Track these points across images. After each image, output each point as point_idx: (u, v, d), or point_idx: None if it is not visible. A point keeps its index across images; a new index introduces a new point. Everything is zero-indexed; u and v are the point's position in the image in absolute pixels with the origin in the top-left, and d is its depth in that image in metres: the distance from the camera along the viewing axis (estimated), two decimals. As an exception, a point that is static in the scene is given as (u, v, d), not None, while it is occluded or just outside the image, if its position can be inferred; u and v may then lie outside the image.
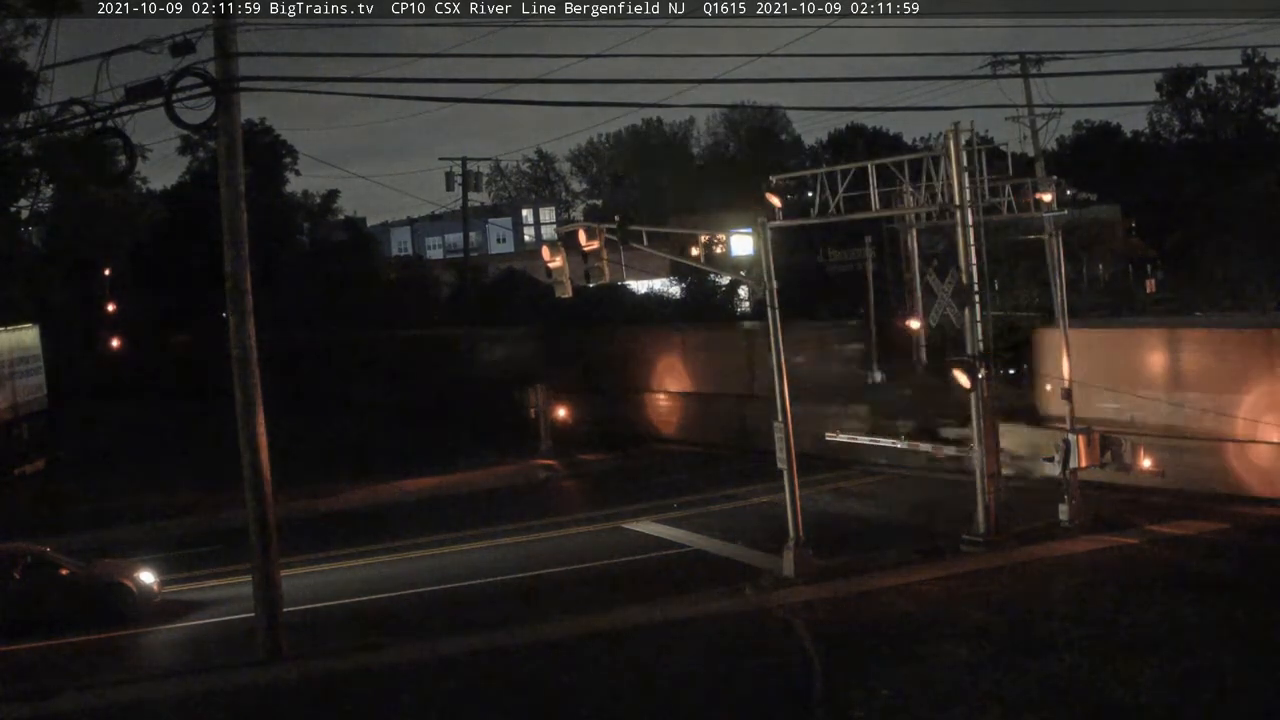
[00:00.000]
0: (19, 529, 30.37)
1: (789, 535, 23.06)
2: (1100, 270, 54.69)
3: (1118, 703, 15.56)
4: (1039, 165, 44.81)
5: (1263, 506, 25.17)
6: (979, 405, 24.24)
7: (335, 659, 20.31)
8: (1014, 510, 24.42)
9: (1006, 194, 27.33)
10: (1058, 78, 62.05)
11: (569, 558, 26.43)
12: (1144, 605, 19.54)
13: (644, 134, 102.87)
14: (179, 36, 18.81)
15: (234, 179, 20.26)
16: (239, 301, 20.37)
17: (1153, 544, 23.41)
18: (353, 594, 24.64)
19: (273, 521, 20.48)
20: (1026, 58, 45.84)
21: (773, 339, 23.50)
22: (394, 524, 30.91)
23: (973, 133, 24.66)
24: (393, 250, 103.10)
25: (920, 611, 20.40)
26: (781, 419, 23.25)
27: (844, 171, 25.67)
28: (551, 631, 20.91)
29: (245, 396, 20.39)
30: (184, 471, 40.02)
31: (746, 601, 21.94)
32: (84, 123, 19.85)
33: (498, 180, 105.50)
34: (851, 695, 16.51)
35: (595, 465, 39.00)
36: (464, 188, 61.18)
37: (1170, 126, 71.62)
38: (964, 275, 24.30)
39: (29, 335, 46.51)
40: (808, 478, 26.78)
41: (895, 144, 73.62)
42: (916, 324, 35.20)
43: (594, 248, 23.10)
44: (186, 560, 27.83)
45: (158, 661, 21.52)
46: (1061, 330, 26.15)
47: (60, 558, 24.56)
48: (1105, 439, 25.50)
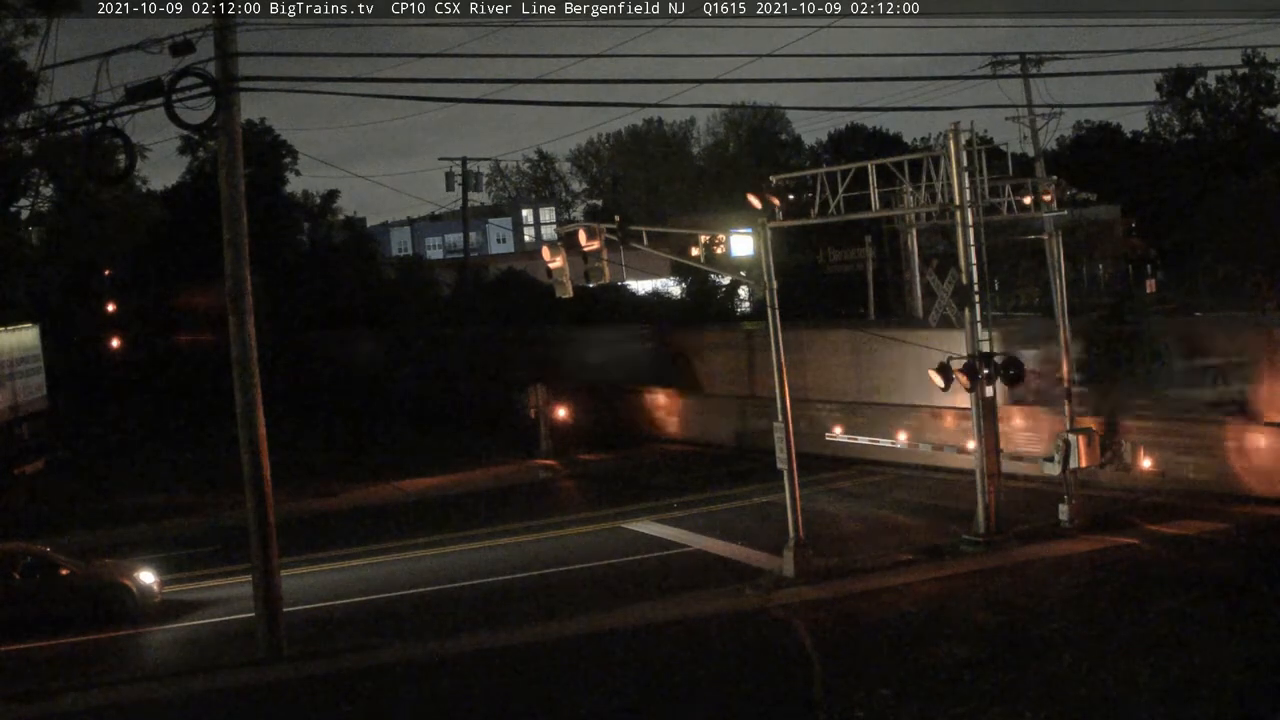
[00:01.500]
0: (19, 529, 30.42)
1: (789, 535, 23.06)
2: (1100, 270, 54.78)
3: (1117, 703, 15.56)
4: (1039, 165, 44.87)
5: (1263, 506, 25.15)
6: (979, 405, 24.26)
7: (335, 659, 20.31)
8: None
9: (1006, 194, 27.31)
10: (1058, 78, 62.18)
11: (571, 557, 26.44)
12: (1144, 605, 19.54)
13: (644, 134, 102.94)
14: (179, 36, 18.83)
15: (234, 179, 20.26)
16: (239, 301, 20.37)
17: (1153, 544, 23.41)
18: (353, 594, 24.64)
19: (273, 521, 20.49)
20: (1026, 58, 45.97)
21: (773, 339, 23.49)
22: (394, 524, 30.94)
23: (973, 133, 24.66)
24: (393, 250, 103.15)
25: (920, 611, 20.39)
26: (781, 419, 23.25)
27: (844, 171, 25.65)
28: (551, 631, 20.91)
29: (245, 396, 20.39)
30: (184, 471, 40.09)
31: (746, 601, 21.93)
32: (84, 123, 19.84)
33: (498, 180, 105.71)
34: (852, 695, 16.51)
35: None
36: (464, 188, 61.28)
37: (1170, 126, 71.73)
38: (964, 275, 24.30)
39: (29, 335, 46.53)
40: (808, 478, 26.77)
41: (895, 144, 73.75)
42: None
43: (594, 248, 23.09)
44: (186, 560, 27.85)
45: (157, 661, 21.50)
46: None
47: (60, 558, 24.57)
48: (1105, 439, 25.50)
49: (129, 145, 20.43)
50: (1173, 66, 63.58)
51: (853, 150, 69.43)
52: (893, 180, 25.84)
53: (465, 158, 61.07)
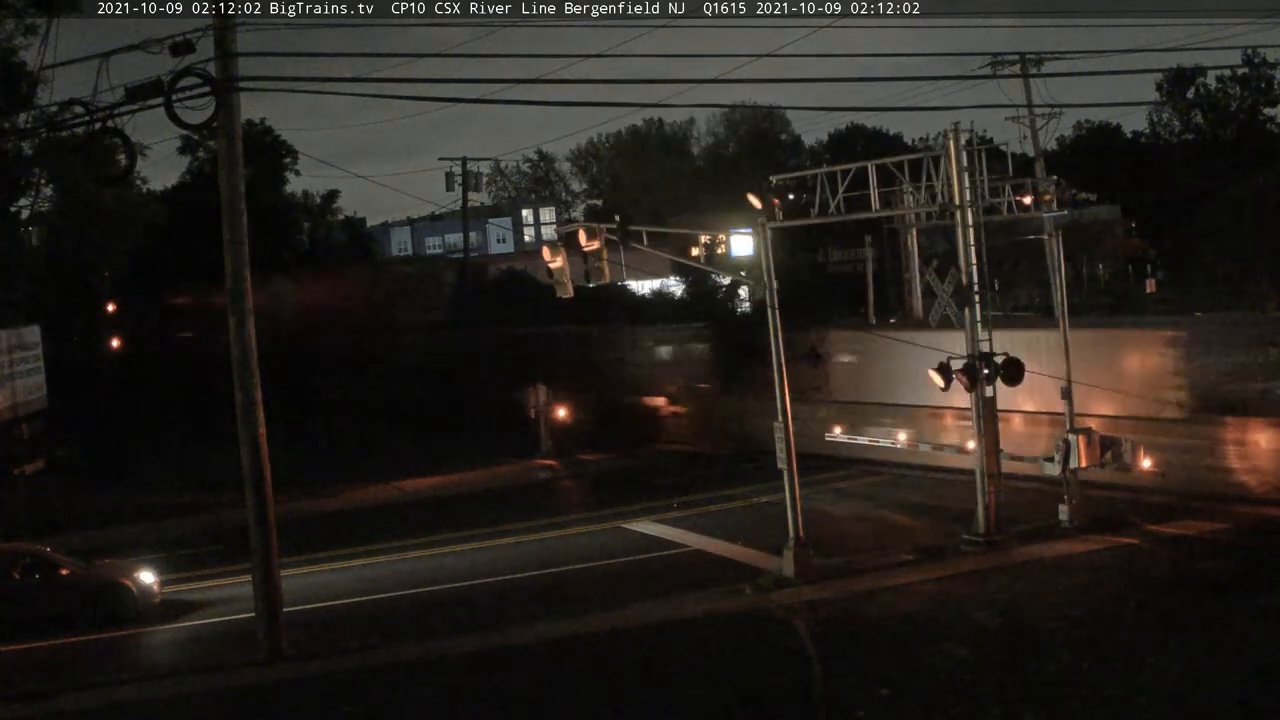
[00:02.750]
0: (19, 529, 30.41)
1: (789, 535, 23.06)
2: (1100, 270, 54.76)
3: (1117, 702, 15.55)
4: (1039, 165, 44.86)
5: (1263, 507, 25.15)
6: (979, 405, 24.26)
7: (335, 659, 20.31)
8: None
9: (1006, 194, 27.32)
10: (1058, 78, 62.17)
11: (571, 557, 26.44)
12: (1144, 605, 19.54)
13: (644, 134, 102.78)
14: (179, 36, 18.80)
15: (234, 179, 20.26)
16: (239, 302, 20.37)
17: (1153, 544, 23.41)
18: (353, 594, 24.64)
19: (273, 521, 20.48)
20: (1026, 58, 45.95)
21: (772, 339, 23.49)
22: (394, 524, 30.93)
23: (973, 133, 24.65)
24: (393, 250, 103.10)
25: (920, 611, 20.39)
26: (781, 419, 23.25)
27: (844, 171, 25.65)
28: (551, 631, 20.90)
29: (245, 396, 20.39)
30: (184, 471, 40.05)
31: (746, 601, 21.93)
32: (84, 123, 19.82)
33: (498, 180, 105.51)
34: (852, 695, 16.52)
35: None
36: (464, 188, 61.23)
37: (1170, 126, 71.66)
38: (964, 275, 24.30)
39: (29, 335, 46.55)
40: (808, 478, 26.77)
41: (895, 144, 73.66)
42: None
43: (594, 248, 23.10)
44: (186, 560, 27.85)
45: (158, 661, 21.50)
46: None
47: (60, 558, 24.58)
48: (1105, 439, 25.50)
49: (129, 145, 20.43)
50: (1173, 66, 63.54)
51: (853, 150, 69.36)
52: (893, 180, 25.84)
53: (465, 158, 61.04)
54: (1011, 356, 24.19)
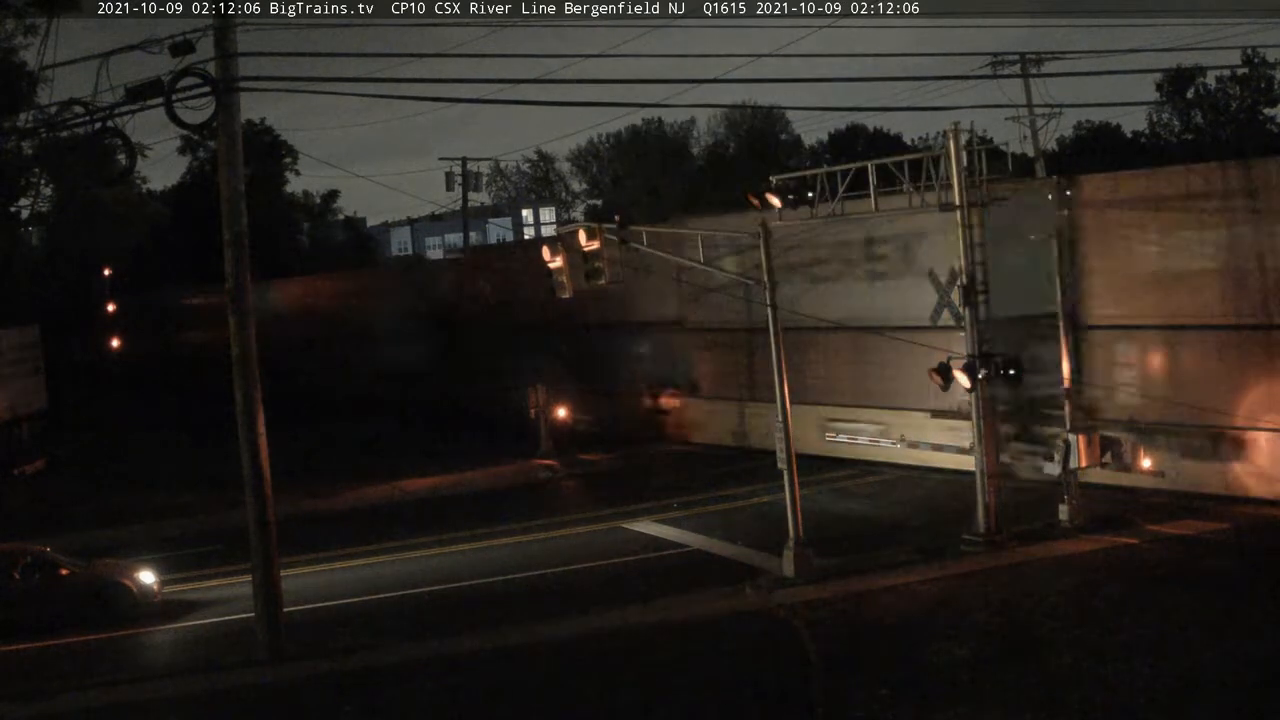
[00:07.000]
0: (19, 529, 30.40)
1: (789, 535, 23.06)
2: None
3: (1117, 702, 15.56)
4: (1039, 165, 44.83)
5: (1263, 507, 25.16)
6: (978, 405, 24.26)
7: (335, 659, 20.32)
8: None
9: (1007, 194, 27.25)
10: (1058, 78, 62.03)
11: (571, 558, 26.44)
12: (1144, 605, 19.54)
13: (644, 134, 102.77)
14: (179, 36, 18.81)
15: (234, 179, 20.26)
16: (239, 302, 20.37)
17: (1153, 544, 23.41)
18: (353, 594, 24.64)
19: (273, 521, 20.48)
20: (1026, 58, 45.91)
21: (773, 338, 23.50)
22: (395, 524, 30.93)
23: (973, 133, 24.64)
24: (393, 250, 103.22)
25: (920, 611, 20.40)
26: (781, 419, 23.26)
27: (844, 171, 25.65)
28: (552, 631, 20.91)
29: (245, 396, 20.39)
30: (184, 471, 40.06)
31: (746, 601, 21.95)
32: (84, 123, 19.85)
33: (498, 180, 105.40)
34: (851, 695, 16.53)
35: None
36: (464, 188, 61.25)
37: (1170, 126, 71.68)
38: (964, 275, 24.30)
39: (29, 335, 46.59)
40: (808, 477, 26.78)
41: (895, 144, 73.71)
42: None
43: (594, 248, 23.09)
44: (186, 560, 27.84)
45: (158, 661, 21.52)
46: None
47: (60, 558, 24.57)
48: (1105, 439, 25.50)
49: (129, 145, 20.47)
50: (1173, 66, 63.53)
51: (853, 150, 69.43)
52: (893, 180, 25.83)
53: (465, 158, 61.07)
54: (1011, 355, 24.19)
